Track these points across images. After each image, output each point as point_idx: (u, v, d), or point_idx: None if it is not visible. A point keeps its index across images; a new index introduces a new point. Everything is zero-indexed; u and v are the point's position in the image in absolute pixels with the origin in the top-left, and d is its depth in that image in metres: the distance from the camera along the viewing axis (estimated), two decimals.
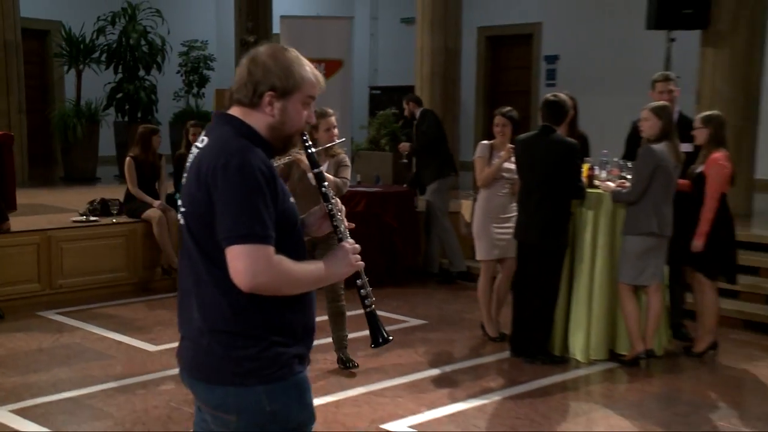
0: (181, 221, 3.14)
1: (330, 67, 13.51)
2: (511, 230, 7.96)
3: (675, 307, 8.17)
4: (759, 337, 8.53)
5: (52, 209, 10.77)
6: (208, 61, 17.14)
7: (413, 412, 6.27)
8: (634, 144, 7.88)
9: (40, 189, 12.95)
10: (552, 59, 16.53)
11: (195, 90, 16.97)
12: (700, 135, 7.53)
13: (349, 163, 7.05)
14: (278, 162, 6.67)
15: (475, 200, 8.29)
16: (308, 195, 6.54)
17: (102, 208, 10.09)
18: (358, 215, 9.87)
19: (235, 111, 3.14)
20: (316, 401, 6.17)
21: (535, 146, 7.47)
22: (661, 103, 7.52)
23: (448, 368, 7.40)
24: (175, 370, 6.91)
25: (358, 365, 7.01)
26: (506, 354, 7.68)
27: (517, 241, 7.64)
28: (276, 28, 14.71)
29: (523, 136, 7.64)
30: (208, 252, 3.03)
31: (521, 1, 16.70)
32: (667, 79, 8.33)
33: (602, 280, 7.57)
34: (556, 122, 7.42)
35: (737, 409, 6.71)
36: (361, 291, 3.28)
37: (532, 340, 7.54)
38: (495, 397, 6.70)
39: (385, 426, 6.00)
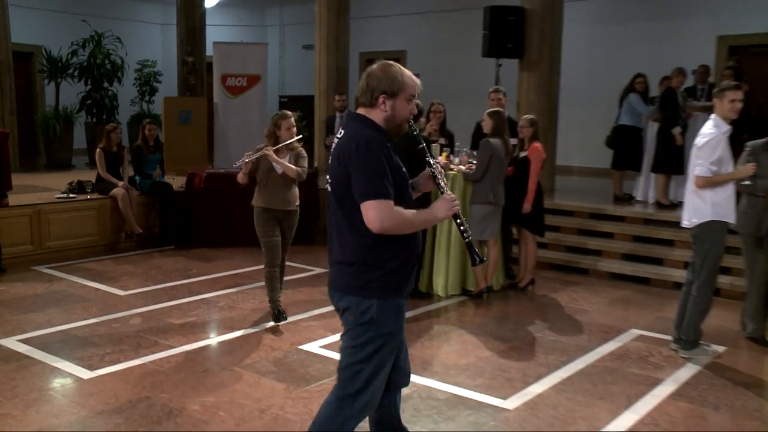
0: (328, 189, 3.48)
1: (251, 80, 13.47)
2: None
3: (506, 255, 8.50)
4: (560, 275, 8.98)
5: (39, 189, 10.57)
6: (157, 76, 17.22)
7: (322, 336, 6.42)
8: (477, 138, 8.18)
9: (29, 174, 12.71)
10: (416, 76, 16.96)
11: (147, 98, 17.13)
12: (526, 131, 7.91)
13: (305, 155, 6.91)
14: (248, 158, 6.65)
15: None
16: (276, 184, 6.72)
17: (78, 187, 10.04)
18: None
19: (360, 110, 3.51)
20: (253, 329, 6.57)
21: (398, 142, 7.75)
22: (496, 108, 7.82)
23: None
24: (141, 309, 7.20)
25: (286, 317, 6.85)
26: None
27: None
28: (209, 51, 14.58)
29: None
30: (347, 208, 3.38)
31: (391, 33, 16.92)
32: (497, 91, 8.62)
33: (457, 236, 7.75)
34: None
35: (548, 323, 7.02)
36: (461, 227, 3.58)
37: None
38: None
39: (301, 347, 6.14)
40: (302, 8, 16.99)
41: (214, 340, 6.40)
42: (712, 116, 6.11)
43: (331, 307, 6.65)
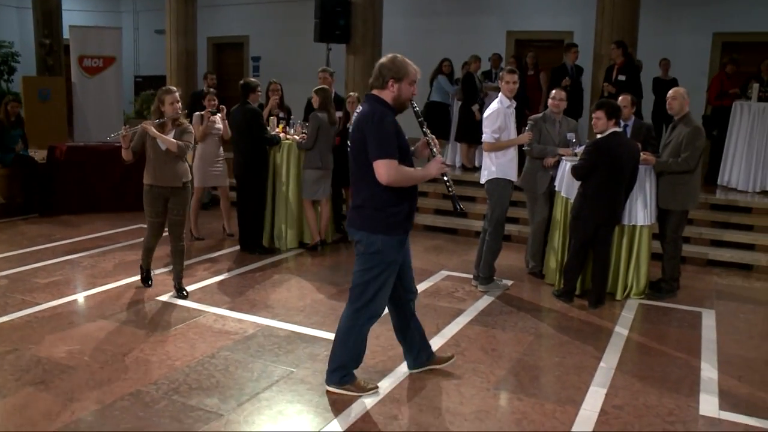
0: (350, 150, 4.04)
1: (107, 61, 12.85)
2: (221, 168, 8.10)
3: (336, 212, 8.56)
4: None
5: None
6: (15, 57, 16.08)
7: (188, 284, 6.24)
8: (308, 112, 8.20)
9: None
10: (257, 59, 16.41)
11: (6, 77, 15.97)
12: (353, 106, 7.91)
13: (192, 130, 6.06)
14: (125, 132, 5.85)
15: (194, 150, 7.99)
16: (160, 160, 5.86)
17: None
18: (137, 163, 9.77)
19: (375, 92, 4.03)
20: (114, 285, 6.36)
21: (236, 113, 7.47)
22: (323, 86, 7.84)
23: (205, 257, 7.47)
24: (7, 271, 6.88)
25: (188, 294, 6.09)
26: (237, 248, 7.81)
27: (235, 175, 7.69)
28: (66, 34, 13.65)
29: (233, 108, 7.59)
30: (362, 165, 3.95)
31: (236, 20, 16.43)
32: (324, 71, 8.71)
33: (294, 196, 7.83)
34: (246, 96, 7.42)
35: None
36: (447, 183, 4.12)
37: (250, 238, 7.69)
38: (235, 273, 6.89)
39: (159, 298, 6.04)
40: None
41: (79, 296, 6.13)
42: (500, 94, 6.47)
43: (187, 261, 6.74)
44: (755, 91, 9.40)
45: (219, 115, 8.00)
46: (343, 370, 4.28)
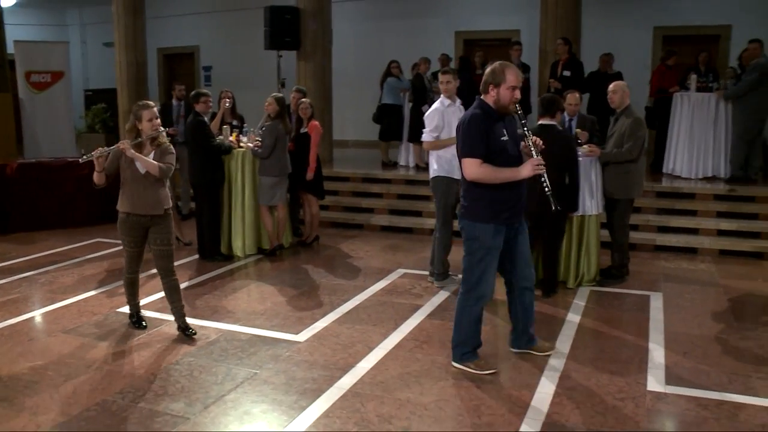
0: (456, 147, 4.50)
1: (54, 76, 12.77)
2: None
3: (293, 216, 8.64)
4: (340, 231, 9.25)
5: None
6: None
7: (146, 295, 6.25)
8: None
9: None
10: (208, 69, 16.39)
11: None
12: (306, 112, 8.03)
13: (173, 150, 5.34)
14: (98, 153, 5.12)
15: None
16: (138, 185, 5.20)
17: None
18: (83, 178, 9.29)
19: (482, 96, 4.47)
20: (73, 299, 6.35)
21: (186, 124, 7.61)
22: (280, 95, 7.92)
23: None
24: None
25: (195, 332, 5.39)
26: (196, 256, 7.84)
27: (192, 182, 7.77)
28: (11, 49, 13.46)
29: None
30: (461, 161, 4.40)
31: (185, 30, 16.37)
32: (298, 91, 8.79)
33: (250, 203, 7.88)
34: (196, 104, 7.51)
35: (332, 271, 7.24)
36: (544, 183, 4.38)
37: (209, 246, 7.72)
38: (195, 281, 6.90)
39: (120, 309, 6.01)
40: (101, 9, 16.06)
41: (37, 312, 6.11)
42: (441, 94, 6.66)
43: (144, 274, 6.72)
44: (693, 82, 9.77)
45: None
46: (462, 347, 4.70)
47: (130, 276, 5.55)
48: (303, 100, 8.28)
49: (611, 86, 6.71)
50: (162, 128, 5.29)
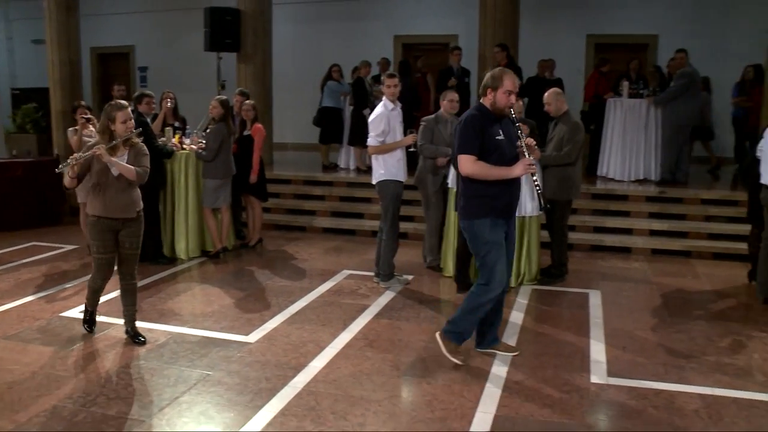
0: (454, 148, 4.74)
1: None
2: None
3: (236, 219, 8.62)
4: (283, 233, 9.28)
5: None
6: None
7: (80, 303, 6.01)
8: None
9: None
10: (144, 69, 16.09)
11: None
12: (249, 114, 8.05)
13: (147, 151, 5.23)
14: (74, 161, 4.94)
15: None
16: (112, 188, 5.03)
17: None
18: (17, 179, 9.37)
19: (481, 99, 4.71)
20: (14, 304, 6.21)
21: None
22: (223, 97, 7.90)
23: None
24: None
25: (145, 340, 5.28)
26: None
27: None
28: None
29: None
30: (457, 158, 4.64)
31: (121, 29, 16.05)
32: (242, 93, 8.85)
33: (193, 205, 7.86)
34: (139, 105, 7.42)
35: (277, 273, 7.26)
36: (535, 182, 4.74)
37: (151, 249, 7.50)
38: (140, 284, 6.46)
39: (62, 314, 5.94)
40: (30, 4, 15.59)
41: None
42: (383, 98, 6.77)
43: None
44: (626, 88, 10.16)
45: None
46: (457, 333, 4.89)
47: (100, 283, 5.35)
48: (247, 102, 8.28)
49: (545, 97, 6.94)
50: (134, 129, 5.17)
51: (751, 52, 10.95)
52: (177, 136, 8.05)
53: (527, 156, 4.59)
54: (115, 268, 5.33)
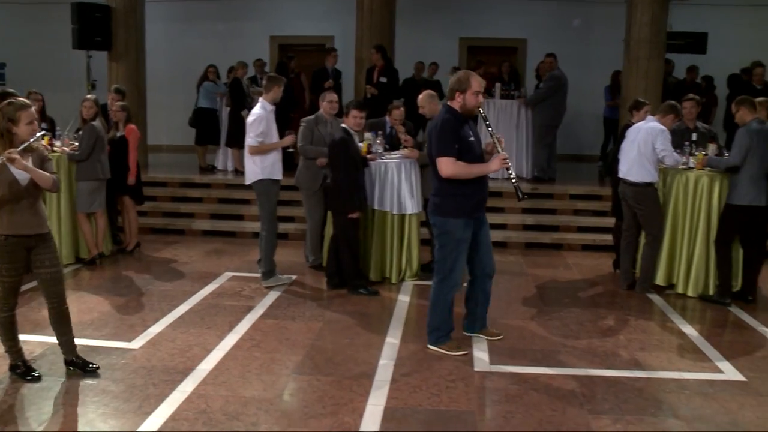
0: (426, 149, 5.15)
1: None
2: None
3: (112, 223, 8.32)
4: (161, 237, 9.01)
5: None
6: None
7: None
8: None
9: None
10: (1, 66, 15.04)
11: None
12: (120, 115, 7.87)
13: (51, 157, 4.72)
14: None
15: None
16: (21, 201, 4.36)
17: None
18: None
19: (448, 102, 4.90)
20: None
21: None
22: (94, 96, 7.68)
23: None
24: None
25: (98, 366, 4.75)
26: None
27: None
28: None
29: None
30: (433, 161, 4.84)
31: None
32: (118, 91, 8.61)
33: (66, 210, 7.56)
34: None
35: (157, 277, 7.14)
36: (510, 175, 4.88)
37: None
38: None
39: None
40: None
41: None
42: (261, 99, 6.83)
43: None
44: (498, 90, 10.62)
45: None
46: (437, 332, 5.15)
47: (9, 314, 4.61)
48: (117, 103, 8.07)
49: (418, 100, 7.15)
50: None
51: (612, 59, 11.69)
52: (46, 139, 7.68)
53: (500, 151, 4.82)
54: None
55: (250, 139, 6.70)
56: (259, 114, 6.69)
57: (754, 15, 13.05)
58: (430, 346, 5.19)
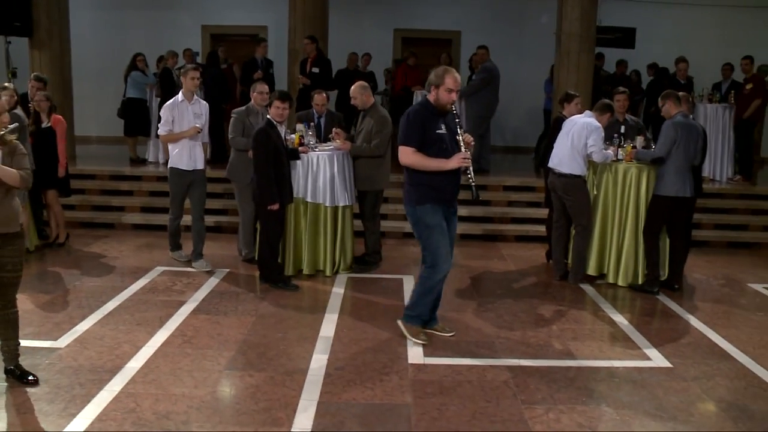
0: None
1: None
2: None
3: (37, 218, 7.99)
4: (90, 231, 8.76)
5: None
6: None
7: None
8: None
9: None
10: None
11: None
12: (44, 105, 7.58)
13: (25, 151, 4.26)
14: None
15: None
16: None
17: None
18: None
19: (428, 95, 4.99)
20: None
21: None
22: (11, 85, 7.49)
23: None
24: None
25: (37, 379, 4.41)
26: None
27: None
28: None
29: None
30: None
31: None
32: (39, 79, 8.24)
33: None
34: None
35: (86, 272, 6.92)
36: (468, 174, 4.90)
37: None
38: None
39: None
40: None
41: None
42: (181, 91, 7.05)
43: None
44: None
45: None
46: (416, 319, 5.28)
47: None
48: (39, 93, 7.79)
49: (351, 91, 7.13)
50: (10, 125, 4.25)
51: (546, 52, 11.85)
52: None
53: (463, 149, 4.86)
54: None
55: (160, 128, 7.06)
56: (170, 102, 6.99)
57: (680, 12, 13.45)
58: (399, 321, 5.37)
